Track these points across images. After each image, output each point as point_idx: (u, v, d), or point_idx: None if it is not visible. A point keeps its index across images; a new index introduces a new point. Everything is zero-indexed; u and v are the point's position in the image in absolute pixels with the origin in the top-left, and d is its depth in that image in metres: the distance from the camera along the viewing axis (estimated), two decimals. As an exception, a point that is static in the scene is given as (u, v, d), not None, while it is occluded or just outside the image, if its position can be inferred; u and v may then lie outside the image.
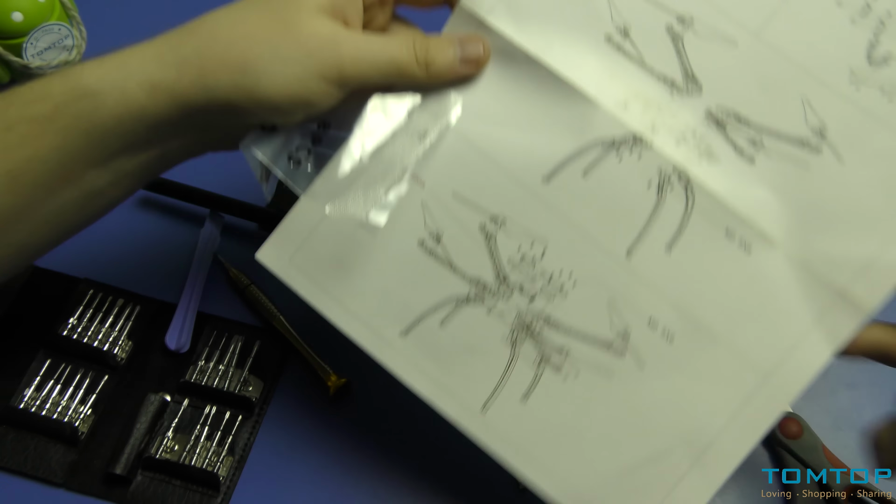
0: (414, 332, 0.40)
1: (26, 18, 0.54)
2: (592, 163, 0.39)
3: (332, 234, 0.40)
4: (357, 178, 0.40)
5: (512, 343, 0.39)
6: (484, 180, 0.39)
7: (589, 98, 0.39)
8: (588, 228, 0.39)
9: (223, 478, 0.45)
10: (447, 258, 0.40)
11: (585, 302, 0.39)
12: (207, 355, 0.48)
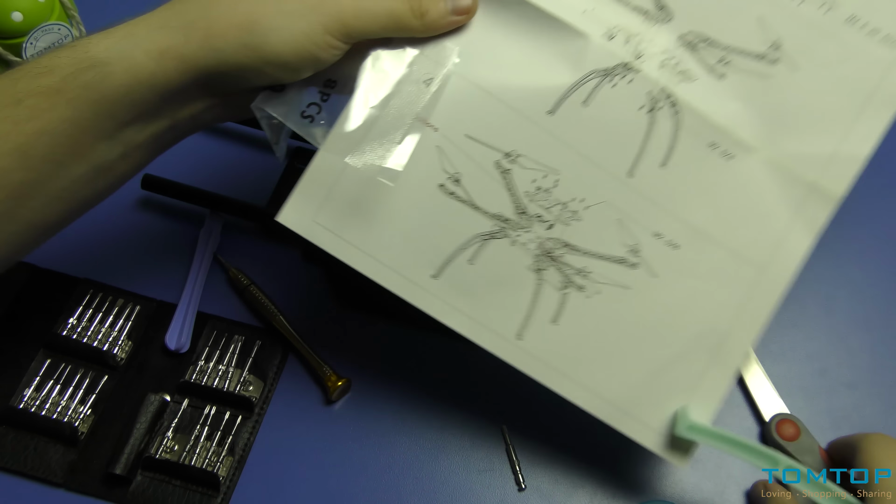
0: (445, 272, 0.41)
1: (26, 18, 0.54)
2: (591, 92, 0.42)
3: (353, 188, 0.41)
4: (370, 129, 0.41)
5: (537, 270, 0.41)
6: (493, 119, 0.42)
7: (579, 31, 0.42)
8: (592, 154, 0.42)
9: (223, 478, 0.45)
10: (468, 198, 0.41)
11: (598, 224, 0.42)
12: (207, 355, 0.48)
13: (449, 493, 0.45)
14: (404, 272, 0.41)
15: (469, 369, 0.49)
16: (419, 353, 0.50)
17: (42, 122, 0.34)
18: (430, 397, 0.48)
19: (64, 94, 0.34)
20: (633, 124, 0.42)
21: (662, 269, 0.42)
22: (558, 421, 0.47)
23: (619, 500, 0.45)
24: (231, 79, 0.36)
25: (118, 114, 0.35)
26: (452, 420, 0.48)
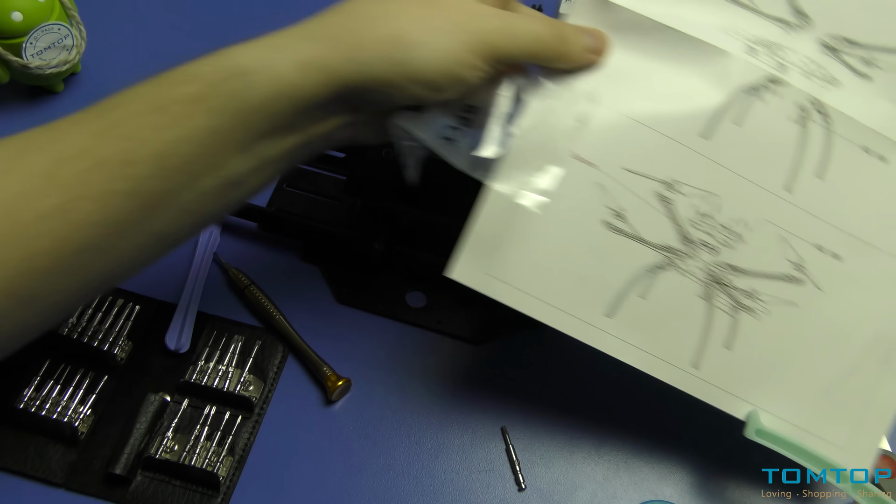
0: (618, 310, 0.41)
1: (26, 18, 0.54)
2: (741, 110, 0.41)
3: (518, 236, 0.41)
4: (525, 165, 0.41)
5: (706, 297, 0.41)
6: (648, 149, 0.41)
7: (721, 50, 0.41)
8: (750, 173, 0.42)
9: (223, 478, 0.45)
10: (634, 232, 0.41)
11: (761, 243, 0.42)
12: (207, 355, 0.48)
13: (449, 493, 0.45)
14: (578, 314, 0.41)
15: (469, 369, 0.49)
16: (419, 353, 0.50)
17: (183, 130, 0.33)
18: (430, 397, 0.48)
19: (206, 102, 0.33)
20: (786, 137, 0.42)
21: (827, 281, 0.42)
22: (558, 421, 0.47)
23: (619, 500, 0.45)
24: (373, 94, 0.36)
25: (257, 125, 0.34)
26: (452, 420, 0.48)
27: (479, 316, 0.51)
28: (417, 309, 0.51)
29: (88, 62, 0.62)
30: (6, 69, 0.56)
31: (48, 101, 0.60)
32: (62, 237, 0.32)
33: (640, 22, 0.42)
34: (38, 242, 0.32)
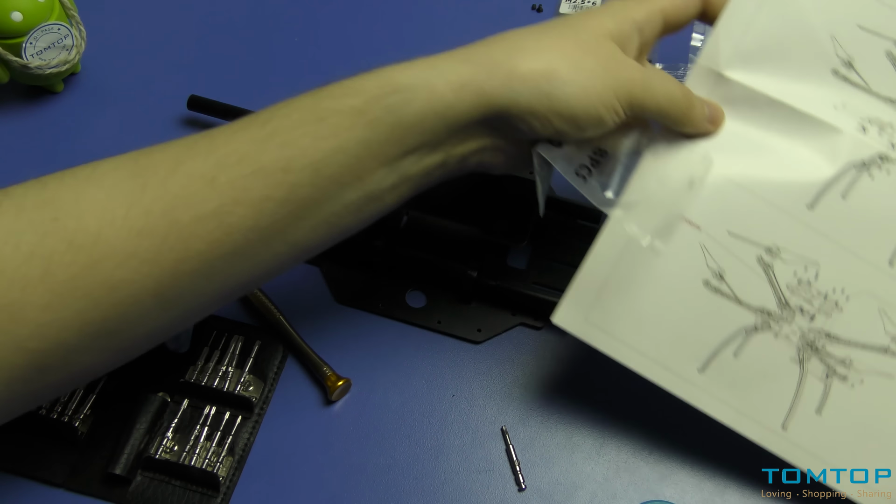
0: (711, 366, 0.42)
1: (26, 18, 0.54)
2: (849, 185, 0.42)
3: (620, 287, 0.42)
4: (633, 223, 0.43)
5: (800, 362, 0.42)
6: (753, 215, 0.43)
7: (833, 126, 0.42)
8: (853, 245, 0.42)
9: (223, 478, 0.45)
10: (732, 293, 0.42)
11: (859, 313, 0.42)
12: (207, 355, 0.48)
13: (449, 493, 0.45)
14: (672, 367, 0.42)
15: (469, 369, 0.49)
16: (419, 353, 0.50)
17: (339, 141, 0.34)
18: (431, 397, 0.48)
19: (366, 115, 0.35)
20: (893, 214, 0.42)
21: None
22: (558, 421, 0.47)
23: (619, 500, 0.45)
24: (519, 122, 0.37)
25: (407, 141, 0.36)
26: (452, 420, 0.48)
27: (479, 316, 0.51)
28: (417, 309, 0.51)
29: (88, 62, 0.62)
30: (6, 69, 0.56)
31: (48, 101, 0.60)
32: (215, 240, 0.33)
33: (753, 96, 0.43)
34: (191, 244, 0.33)
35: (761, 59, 0.43)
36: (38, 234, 0.31)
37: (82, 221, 0.32)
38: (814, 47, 0.43)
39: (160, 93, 0.60)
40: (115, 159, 0.34)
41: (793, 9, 0.43)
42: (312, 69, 0.62)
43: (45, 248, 0.31)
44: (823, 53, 0.43)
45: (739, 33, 0.43)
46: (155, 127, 0.59)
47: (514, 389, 0.49)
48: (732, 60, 0.43)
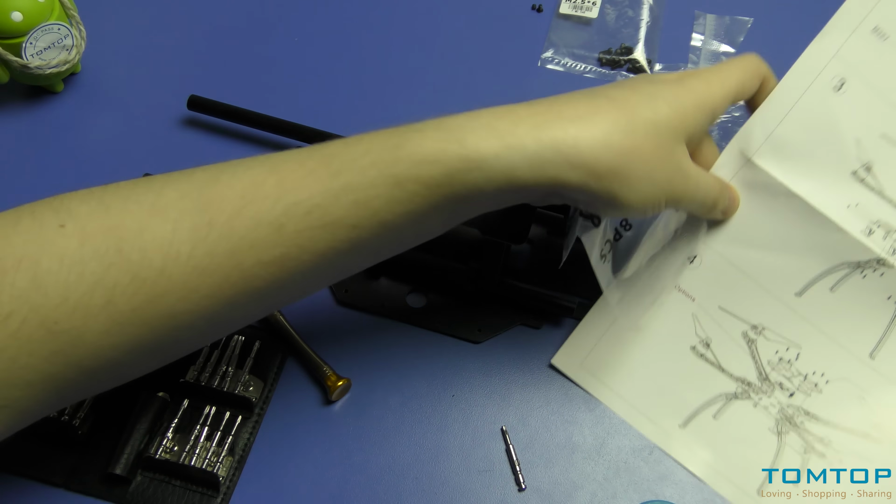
0: (691, 424, 0.45)
1: (26, 18, 0.54)
2: (839, 280, 0.45)
3: (616, 340, 0.47)
4: (637, 285, 0.47)
5: (778, 433, 0.44)
6: (744, 294, 0.46)
7: (839, 227, 0.44)
8: (835, 334, 0.45)
9: (223, 478, 0.45)
10: (716, 360, 0.46)
11: (839, 397, 0.44)
12: (207, 355, 0.48)
13: (449, 493, 0.45)
14: (655, 419, 0.46)
15: (469, 369, 0.49)
16: (419, 353, 0.50)
17: (413, 207, 0.35)
18: (431, 397, 0.48)
19: (443, 189, 0.34)
20: (878, 311, 0.45)
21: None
22: (558, 421, 0.47)
23: (619, 500, 0.45)
24: (575, 198, 0.38)
25: (479, 207, 0.37)
26: (452, 420, 0.48)
27: (479, 316, 0.51)
28: (417, 309, 0.51)
29: (88, 62, 0.62)
30: (6, 69, 0.56)
31: (48, 101, 0.60)
32: (275, 280, 0.34)
33: (773, 185, 0.45)
34: (252, 283, 0.34)
35: (789, 151, 0.45)
36: (103, 265, 0.31)
37: (146, 255, 0.32)
38: (839, 148, 0.45)
39: (160, 93, 0.60)
40: (180, 184, 0.34)
41: (825, 109, 0.45)
42: (312, 69, 0.62)
43: (110, 279, 0.31)
44: (847, 155, 0.45)
45: (774, 123, 0.45)
46: (155, 127, 0.59)
47: (514, 389, 0.49)
48: (763, 148, 0.46)
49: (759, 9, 0.65)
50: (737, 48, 0.62)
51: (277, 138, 0.58)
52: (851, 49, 0.45)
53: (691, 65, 0.62)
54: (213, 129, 0.59)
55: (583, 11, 0.64)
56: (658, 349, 0.47)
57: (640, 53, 0.62)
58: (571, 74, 0.62)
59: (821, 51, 0.45)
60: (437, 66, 0.62)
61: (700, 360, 0.46)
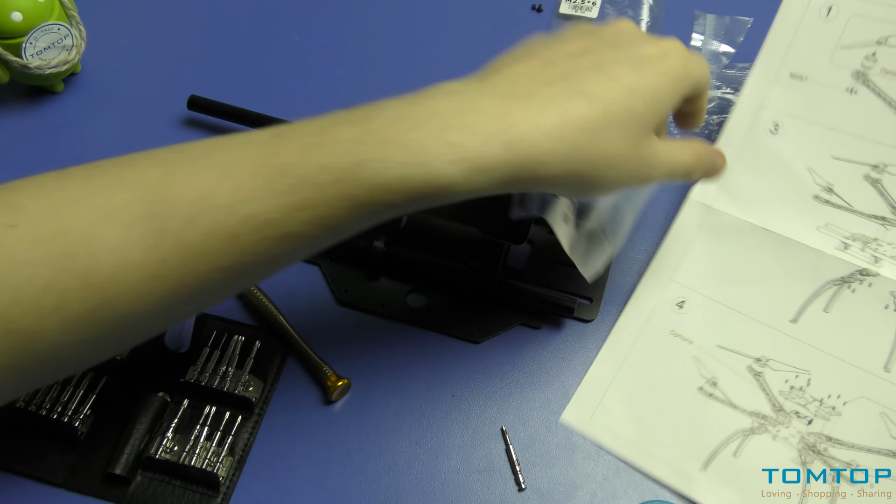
0: (712, 465, 0.44)
1: (25, 18, 0.54)
2: (830, 299, 0.46)
3: (622, 391, 0.47)
4: (635, 344, 0.48)
5: (802, 463, 0.43)
6: (740, 331, 0.46)
7: (812, 248, 0.46)
8: (842, 354, 0.45)
9: (223, 478, 0.45)
10: (726, 398, 0.45)
11: (860, 418, 0.43)
12: (207, 355, 0.48)
13: (449, 493, 0.45)
14: (674, 465, 0.44)
15: (469, 369, 0.49)
16: (419, 353, 0.50)
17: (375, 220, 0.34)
18: (430, 397, 0.48)
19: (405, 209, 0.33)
20: (881, 323, 0.45)
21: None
22: (558, 421, 0.47)
23: (619, 500, 0.45)
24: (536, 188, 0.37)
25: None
26: (452, 420, 0.48)
27: (479, 316, 0.51)
28: (417, 309, 0.51)
29: (88, 62, 0.62)
30: (6, 69, 0.56)
31: (48, 101, 0.60)
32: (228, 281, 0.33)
33: (739, 224, 0.48)
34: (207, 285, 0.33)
35: (745, 193, 0.49)
36: (53, 270, 0.31)
37: (97, 261, 0.31)
38: (793, 180, 0.48)
39: (160, 93, 0.60)
40: (131, 185, 0.33)
41: (768, 151, 0.49)
42: (312, 69, 0.62)
43: (60, 283, 0.31)
44: (803, 183, 0.48)
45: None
46: (155, 127, 0.59)
47: (514, 389, 0.49)
48: (719, 196, 0.49)
49: (759, 9, 0.65)
50: (737, 48, 0.62)
51: (277, 138, 0.58)
52: (776, 97, 0.50)
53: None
54: (213, 129, 0.59)
55: (583, 11, 0.64)
56: (666, 395, 0.46)
57: (640, 53, 0.62)
58: (571, 74, 0.62)
59: (748, 104, 0.50)
60: (437, 65, 0.62)
61: (710, 400, 0.45)
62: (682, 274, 0.49)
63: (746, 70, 0.61)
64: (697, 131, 0.53)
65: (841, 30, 0.48)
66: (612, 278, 0.52)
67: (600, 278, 0.52)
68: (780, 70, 0.49)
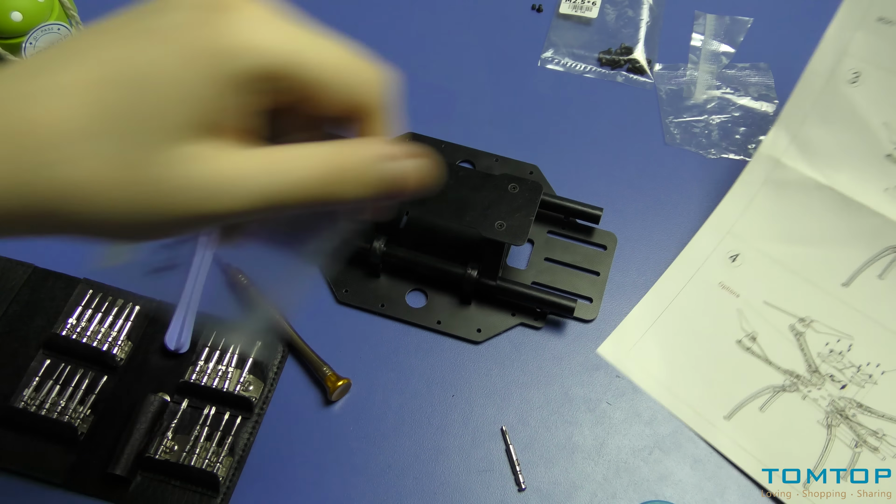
0: (736, 416, 0.44)
1: (25, 18, 0.54)
2: (887, 266, 0.45)
3: (662, 333, 0.47)
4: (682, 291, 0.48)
5: (828, 426, 0.44)
6: (790, 289, 0.46)
7: (876, 212, 0.45)
8: (890, 323, 0.44)
9: (222, 478, 0.45)
10: (763, 354, 0.46)
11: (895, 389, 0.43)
12: (207, 355, 0.48)
13: (449, 493, 0.45)
14: (699, 410, 0.45)
15: (469, 369, 0.49)
16: (419, 353, 0.50)
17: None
18: (430, 397, 0.48)
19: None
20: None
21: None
22: (558, 421, 0.47)
23: (619, 500, 0.45)
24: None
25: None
26: (452, 420, 0.48)
27: (479, 316, 0.51)
28: (417, 309, 0.51)
29: (88, 62, 0.62)
30: (6, 69, 0.56)
31: (48, 101, 0.60)
32: None
33: (806, 181, 0.47)
34: None
35: (817, 147, 0.47)
36: None
37: None
38: (867, 135, 0.46)
39: (160, 93, 0.60)
40: None
41: (845, 103, 0.46)
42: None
43: None
44: (877, 140, 0.46)
45: (797, 124, 0.47)
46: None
47: (514, 389, 0.49)
48: (790, 148, 0.47)
49: (759, 9, 0.65)
50: (737, 48, 0.62)
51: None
52: (860, 43, 0.46)
53: (691, 65, 0.62)
54: (212, 129, 0.59)
55: (583, 11, 0.64)
56: (703, 344, 0.46)
57: (640, 53, 0.62)
58: (571, 74, 0.62)
59: (829, 50, 0.46)
60: (437, 65, 0.62)
61: (747, 354, 0.46)
62: (741, 227, 0.48)
63: (747, 70, 0.61)
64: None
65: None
66: (612, 278, 0.52)
67: (600, 278, 0.52)
68: (867, 12, 0.46)
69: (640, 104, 0.60)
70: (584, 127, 0.59)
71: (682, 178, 0.56)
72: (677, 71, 0.61)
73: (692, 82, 0.61)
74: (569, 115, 0.60)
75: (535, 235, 0.53)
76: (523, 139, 0.58)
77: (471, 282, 0.50)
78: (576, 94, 0.61)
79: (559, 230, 0.54)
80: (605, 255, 0.53)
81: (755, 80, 0.61)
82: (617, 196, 0.55)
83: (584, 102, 0.60)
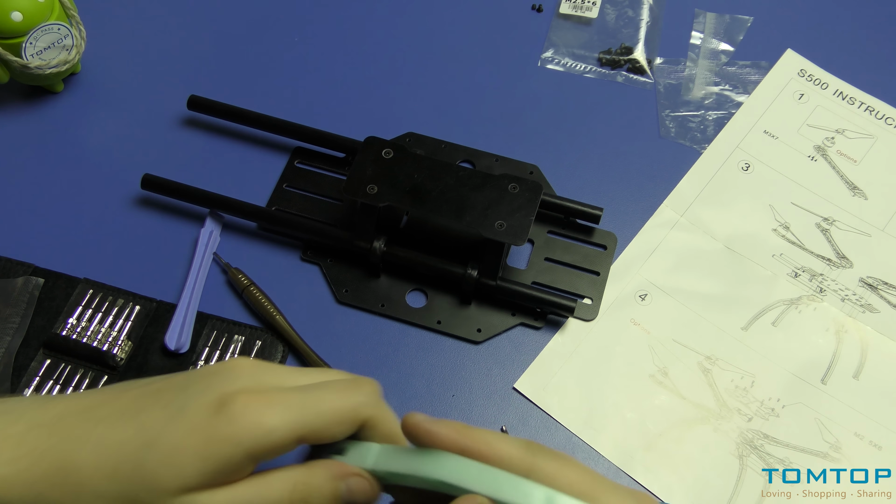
0: (654, 448, 0.46)
1: (25, 18, 0.54)
2: (778, 316, 0.50)
3: (576, 369, 0.49)
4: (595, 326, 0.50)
5: (739, 456, 0.46)
6: (695, 329, 0.50)
7: (769, 271, 0.52)
8: (785, 363, 0.49)
9: (223, 478, 0.45)
10: (674, 388, 0.48)
11: (796, 421, 0.47)
12: (207, 355, 0.48)
13: (449, 493, 0.45)
14: (619, 444, 0.46)
15: (469, 369, 0.49)
16: (419, 353, 0.50)
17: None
18: (430, 397, 0.48)
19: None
20: (821, 343, 0.49)
21: (868, 466, 0.45)
22: (558, 421, 0.47)
23: (619, 500, 0.45)
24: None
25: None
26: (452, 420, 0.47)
27: (479, 316, 0.51)
28: (417, 309, 0.51)
29: (88, 62, 0.62)
30: (6, 69, 0.56)
31: (48, 101, 0.60)
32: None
33: (708, 240, 0.53)
34: None
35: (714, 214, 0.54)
36: None
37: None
38: (758, 211, 0.54)
39: (160, 93, 0.60)
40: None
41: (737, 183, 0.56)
42: (312, 69, 0.62)
43: None
44: (764, 216, 0.54)
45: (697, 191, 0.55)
46: (155, 127, 0.59)
47: (514, 388, 0.48)
48: (690, 209, 0.55)
49: (759, 7, 0.65)
50: (736, 46, 0.62)
51: (277, 138, 0.58)
52: (750, 143, 0.57)
53: (690, 63, 0.62)
54: (213, 129, 0.59)
55: (583, 11, 0.64)
56: (618, 377, 0.48)
57: (640, 53, 0.62)
58: (571, 74, 0.62)
59: (726, 141, 0.57)
60: (437, 65, 0.62)
61: (660, 388, 0.48)
62: (649, 269, 0.52)
63: (746, 67, 0.61)
64: None
65: (809, 112, 0.59)
66: (612, 278, 0.52)
67: (600, 278, 0.52)
68: (756, 125, 0.58)
69: (641, 104, 0.60)
70: (584, 127, 0.59)
71: (681, 176, 0.56)
72: (677, 66, 0.61)
73: (691, 78, 0.61)
74: (569, 115, 0.60)
75: (535, 235, 0.53)
76: (523, 139, 0.58)
77: (471, 282, 0.50)
78: (576, 94, 0.61)
79: (559, 230, 0.54)
80: (605, 255, 0.53)
81: (755, 79, 0.61)
82: (617, 196, 0.55)
83: (584, 102, 0.60)
